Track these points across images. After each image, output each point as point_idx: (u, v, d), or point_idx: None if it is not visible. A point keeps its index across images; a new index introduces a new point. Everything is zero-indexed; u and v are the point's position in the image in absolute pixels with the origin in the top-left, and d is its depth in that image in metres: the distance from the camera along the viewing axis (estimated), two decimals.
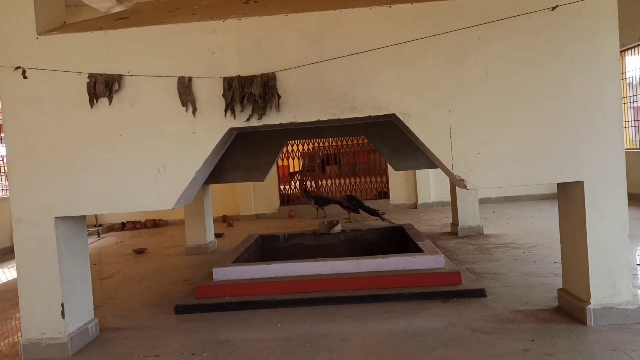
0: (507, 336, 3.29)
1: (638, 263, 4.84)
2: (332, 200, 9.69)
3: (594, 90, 3.33)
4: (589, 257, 3.35)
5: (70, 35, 3.57)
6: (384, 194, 11.27)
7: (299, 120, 3.51)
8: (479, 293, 4.15)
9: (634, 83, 9.63)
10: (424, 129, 3.45)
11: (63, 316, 3.53)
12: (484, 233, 7.03)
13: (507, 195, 10.50)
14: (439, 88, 3.42)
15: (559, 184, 3.65)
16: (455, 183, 3.57)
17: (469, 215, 7.09)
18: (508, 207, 9.74)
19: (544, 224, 7.44)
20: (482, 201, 9.14)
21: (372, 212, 7.91)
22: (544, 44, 3.33)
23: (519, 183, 3.47)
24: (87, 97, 3.51)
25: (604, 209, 3.34)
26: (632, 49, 9.28)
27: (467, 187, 3.42)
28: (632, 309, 3.34)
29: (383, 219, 7.73)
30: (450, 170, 3.41)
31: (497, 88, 3.37)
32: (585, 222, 3.35)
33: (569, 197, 3.56)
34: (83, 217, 3.83)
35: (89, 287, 3.89)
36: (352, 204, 8.28)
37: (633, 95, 9.77)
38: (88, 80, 3.50)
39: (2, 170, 9.67)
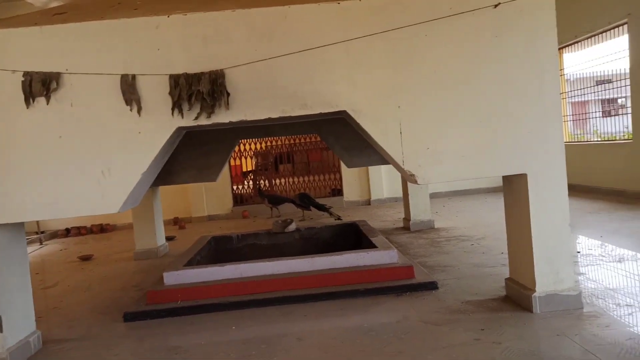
0: (459, 327, 3.37)
1: (578, 251, 5.09)
2: (286, 199, 9.68)
3: (535, 85, 3.46)
4: (533, 246, 3.48)
5: (2, 31, 3.35)
6: (338, 191, 11.34)
7: (250, 118, 3.45)
8: (431, 286, 4.23)
9: (572, 79, 10.14)
10: (375, 125, 3.48)
11: (1, 330, 3.32)
12: (435, 227, 7.20)
13: (456, 189, 10.81)
14: (389, 84, 3.45)
15: (504, 177, 3.77)
16: (407, 178, 3.62)
17: (421, 209, 7.24)
18: (457, 200, 10.02)
19: (491, 216, 7.71)
20: (433, 195, 9.37)
21: (321, 208, 8.36)
22: (488, 41, 3.43)
23: (466, 177, 3.57)
24: (23, 96, 3.31)
25: (547, 200, 3.48)
26: (569, 47, 9.76)
27: (418, 182, 3.47)
28: (574, 295, 3.49)
29: (330, 214, 8.10)
30: (401, 165, 3.46)
31: (444, 84, 3.44)
32: (529, 213, 3.47)
33: (513, 189, 3.68)
34: (21, 224, 3.61)
35: (29, 297, 3.68)
36: (304, 201, 8.44)
37: (571, 91, 10.28)
38: (23, 79, 3.31)
39: None
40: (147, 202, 6.77)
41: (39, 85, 3.31)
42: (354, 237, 6.26)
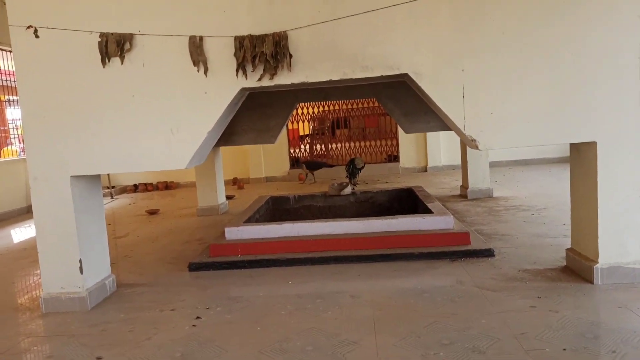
0: (514, 294, 3.36)
1: None
2: (324, 164, 10.09)
3: (612, 49, 3.26)
4: (599, 217, 3.36)
5: None
6: (394, 157, 11.27)
7: (311, 80, 3.49)
8: (487, 253, 4.20)
9: None
10: (437, 89, 3.43)
11: (81, 271, 3.64)
12: (494, 196, 7.05)
13: (518, 158, 10.44)
14: (453, 47, 3.37)
15: (571, 145, 3.63)
16: (467, 144, 3.56)
17: (479, 178, 7.10)
18: (519, 170, 9.71)
19: (555, 187, 7.43)
20: (493, 164, 9.09)
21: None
22: (562, 1, 3.25)
23: (531, 143, 3.46)
24: (99, 56, 3.50)
25: (617, 170, 3.33)
26: None
27: (479, 148, 3.41)
28: (639, 268, 3.37)
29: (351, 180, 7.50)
30: (462, 130, 3.40)
31: (512, 46, 3.31)
32: (596, 182, 3.34)
33: (581, 158, 3.54)
34: (98, 176, 3.89)
35: (105, 244, 4.00)
36: (349, 168, 8.20)
37: None
38: (100, 40, 3.49)
39: (16, 134, 9.77)
40: (210, 162, 7.06)
41: (114, 46, 3.49)
42: (409, 202, 6.26)
